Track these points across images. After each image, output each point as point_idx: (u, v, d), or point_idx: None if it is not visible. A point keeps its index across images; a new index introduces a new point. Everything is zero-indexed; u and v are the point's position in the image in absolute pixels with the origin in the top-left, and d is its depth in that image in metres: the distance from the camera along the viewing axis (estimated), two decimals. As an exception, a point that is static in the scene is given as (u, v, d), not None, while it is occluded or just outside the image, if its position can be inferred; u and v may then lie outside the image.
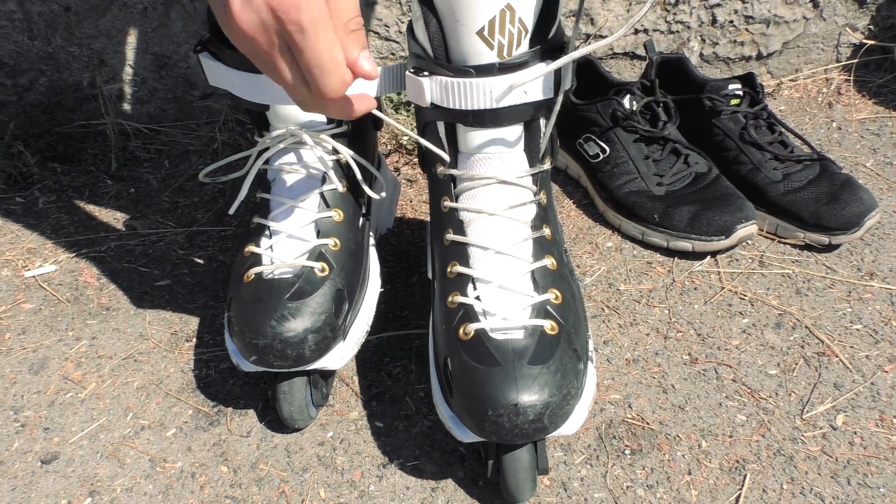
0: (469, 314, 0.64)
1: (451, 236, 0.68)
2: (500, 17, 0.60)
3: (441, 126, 0.68)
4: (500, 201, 0.67)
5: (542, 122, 0.67)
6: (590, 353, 0.67)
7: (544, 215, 0.69)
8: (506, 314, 0.63)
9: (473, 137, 0.67)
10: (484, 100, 0.62)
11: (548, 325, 0.62)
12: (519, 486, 0.63)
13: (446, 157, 0.69)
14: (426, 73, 0.63)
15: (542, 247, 0.67)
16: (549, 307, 0.64)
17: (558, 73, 0.63)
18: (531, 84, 0.62)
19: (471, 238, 0.67)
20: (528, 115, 0.65)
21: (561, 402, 0.59)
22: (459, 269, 0.66)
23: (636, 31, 1.22)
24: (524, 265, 0.65)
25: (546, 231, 0.68)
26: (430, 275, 0.75)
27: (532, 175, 0.68)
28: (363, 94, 0.56)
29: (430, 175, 0.74)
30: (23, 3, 1.13)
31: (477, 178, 0.68)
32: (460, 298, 0.65)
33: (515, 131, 0.67)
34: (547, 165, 0.69)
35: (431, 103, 0.64)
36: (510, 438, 0.59)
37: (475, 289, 0.65)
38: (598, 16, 1.20)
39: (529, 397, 0.58)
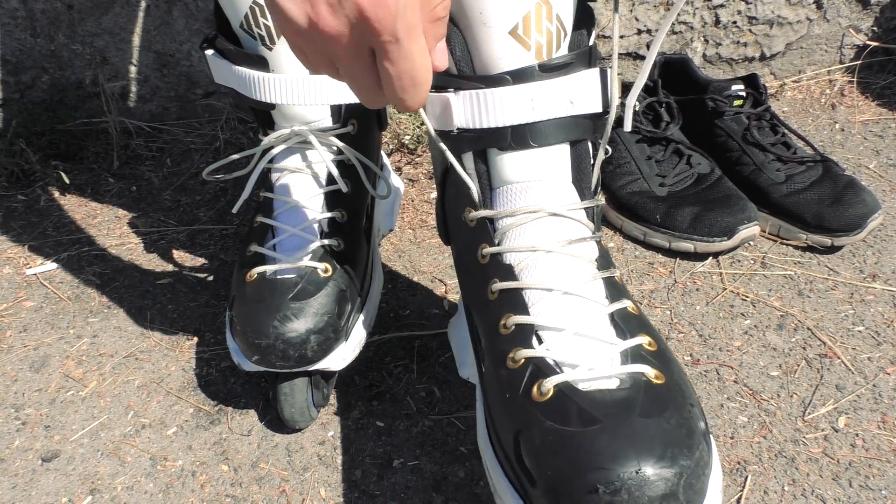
0: (542, 369, 0.50)
1: (499, 285, 0.55)
2: (535, 12, 0.52)
3: (470, 159, 0.57)
4: (555, 236, 0.55)
5: (590, 148, 0.58)
6: (707, 423, 0.52)
7: (608, 258, 0.57)
8: (591, 364, 0.49)
9: (511, 164, 0.56)
10: (524, 111, 0.53)
11: (651, 372, 0.49)
12: None
13: (475, 188, 0.57)
14: (451, 90, 0.54)
15: (616, 289, 0.55)
16: (643, 353, 0.51)
17: (605, 83, 0.55)
18: (578, 92, 0.53)
19: (526, 281, 0.54)
20: (575, 132, 0.55)
21: (695, 468, 0.44)
22: (517, 318, 0.53)
23: (639, 32, 1.22)
24: (600, 308, 0.53)
25: (615, 272, 0.56)
26: (462, 373, 0.63)
27: (586, 210, 0.57)
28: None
29: (456, 236, 0.63)
30: (26, 1, 1.13)
31: (521, 212, 0.56)
32: (526, 352, 0.51)
33: (560, 153, 0.56)
34: (600, 200, 0.59)
35: (457, 128, 0.55)
36: None
37: (541, 341, 0.52)
38: (602, 16, 1.19)
39: (656, 462, 0.43)
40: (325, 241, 0.72)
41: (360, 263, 0.75)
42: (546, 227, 0.56)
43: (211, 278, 0.94)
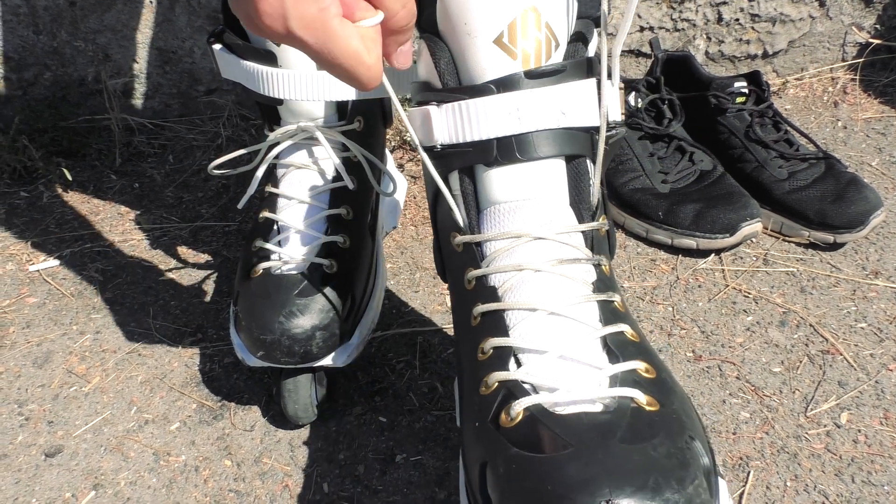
0: (513, 392, 0.45)
1: (480, 308, 0.50)
2: (521, 20, 0.48)
3: (456, 179, 0.53)
4: (545, 255, 0.50)
5: (589, 164, 0.53)
6: (717, 466, 0.45)
7: (609, 282, 0.51)
8: (570, 387, 0.43)
9: (499, 181, 0.51)
10: (509, 121, 0.49)
11: (643, 398, 0.43)
12: None
13: (457, 211, 0.53)
14: (434, 103, 0.51)
15: (613, 313, 0.49)
16: (637, 378, 0.44)
17: (601, 94, 0.51)
18: (570, 103, 0.50)
19: (509, 301, 0.49)
20: (569, 146, 0.51)
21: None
22: (495, 341, 0.47)
23: (642, 29, 1.22)
24: (591, 330, 0.47)
25: (615, 297, 0.50)
26: (459, 422, 0.55)
27: (583, 233, 0.52)
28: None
29: (448, 263, 0.57)
30: (28, -2, 1.13)
31: (507, 236, 0.51)
32: (499, 375, 0.46)
33: (553, 169, 0.52)
34: (602, 223, 0.53)
35: (441, 145, 0.51)
36: None
37: (519, 365, 0.46)
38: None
39: (633, 495, 0.36)
40: (331, 238, 0.72)
41: (365, 260, 0.75)
42: (537, 248, 0.51)
43: (213, 275, 0.94)
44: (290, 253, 0.71)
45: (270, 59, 0.69)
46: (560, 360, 0.45)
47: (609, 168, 1.00)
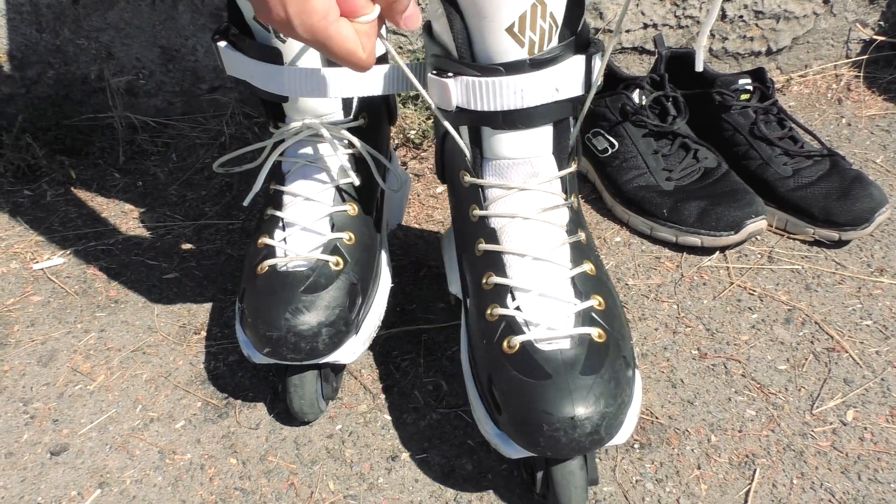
0: (511, 326, 0.61)
1: (483, 245, 0.65)
2: (531, 13, 0.57)
3: (465, 131, 0.65)
4: (532, 205, 0.65)
5: (571, 121, 0.65)
6: (635, 360, 0.65)
7: (577, 219, 0.67)
8: (550, 324, 0.60)
9: (501, 141, 0.64)
10: (514, 99, 0.59)
11: (595, 332, 0.60)
12: (571, 499, 0.61)
13: (468, 155, 0.66)
14: (451, 74, 0.60)
15: (580, 251, 0.65)
16: (593, 314, 0.61)
17: (589, 68, 0.61)
18: (563, 80, 0.60)
19: (506, 246, 0.64)
20: (558, 113, 0.62)
21: (617, 411, 0.57)
22: (496, 279, 0.63)
23: (645, 26, 1.22)
24: (564, 271, 0.63)
25: (581, 235, 0.66)
26: (452, 289, 0.73)
27: (561, 178, 0.66)
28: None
29: (451, 185, 0.71)
30: (31, -4, 1.13)
31: (507, 186, 0.65)
32: (500, 310, 0.62)
33: (544, 132, 0.64)
34: (573, 167, 0.67)
35: (457, 107, 0.61)
36: (566, 453, 0.57)
37: (514, 299, 0.62)
38: (608, 10, 1.19)
39: (586, 410, 0.56)
40: (337, 235, 0.72)
41: (370, 257, 0.75)
42: (526, 198, 0.65)
43: (217, 273, 0.94)
44: (295, 250, 0.71)
45: (276, 56, 0.69)
46: (541, 297, 0.62)
47: (613, 166, 1.00)
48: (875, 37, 1.27)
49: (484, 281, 0.64)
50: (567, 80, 0.60)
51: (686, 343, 0.81)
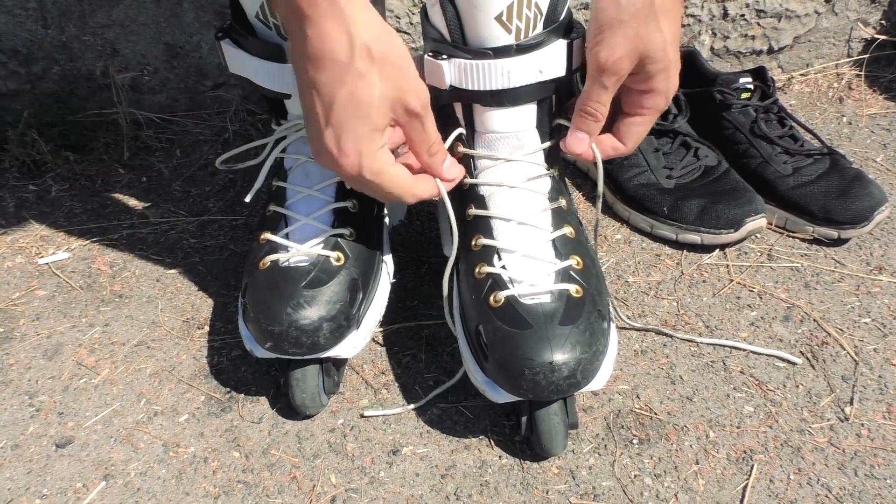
0: (497, 282, 0.67)
1: (473, 211, 0.71)
2: (517, 3, 0.62)
3: (458, 108, 0.71)
4: (518, 175, 0.71)
5: (553, 98, 0.71)
6: (611, 314, 0.71)
7: (559, 188, 0.72)
8: (532, 280, 0.66)
9: (490, 117, 0.70)
10: (501, 80, 0.65)
11: (573, 288, 0.66)
12: (552, 440, 0.67)
13: (461, 128, 0.72)
14: (445, 57, 0.66)
15: (560, 217, 0.70)
16: (572, 272, 0.67)
17: (571, 52, 0.66)
18: (547, 63, 0.65)
19: (493, 211, 0.70)
20: (542, 93, 0.68)
21: (592, 358, 0.63)
22: (484, 241, 0.69)
23: (647, 25, 1.22)
24: (545, 234, 0.69)
25: (562, 202, 0.71)
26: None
27: (543, 150, 0.72)
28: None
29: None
30: (37, -7, 1.14)
31: (495, 157, 0.71)
32: (487, 269, 0.68)
33: (529, 109, 0.70)
34: (555, 141, 0.72)
35: (450, 86, 0.67)
36: (546, 395, 0.62)
37: (500, 259, 0.68)
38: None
39: (563, 355, 0.61)
40: (338, 230, 0.73)
41: (371, 252, 0.76)
42: (512, 168, 0.71)
43: (221, 268, 0.95)
44: (297, 245, 0.72)
45: (278, 53, 0.70)
46: (524, 257, 0.68)
47: (614, 164, 1.01)
48: (876, 36, 1.27)
49: (473, 242, 0.70)
50: (550, 62, 0.65)
51: (686, 340, 0.81)
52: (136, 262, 0.96)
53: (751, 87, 1.01)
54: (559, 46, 0.65)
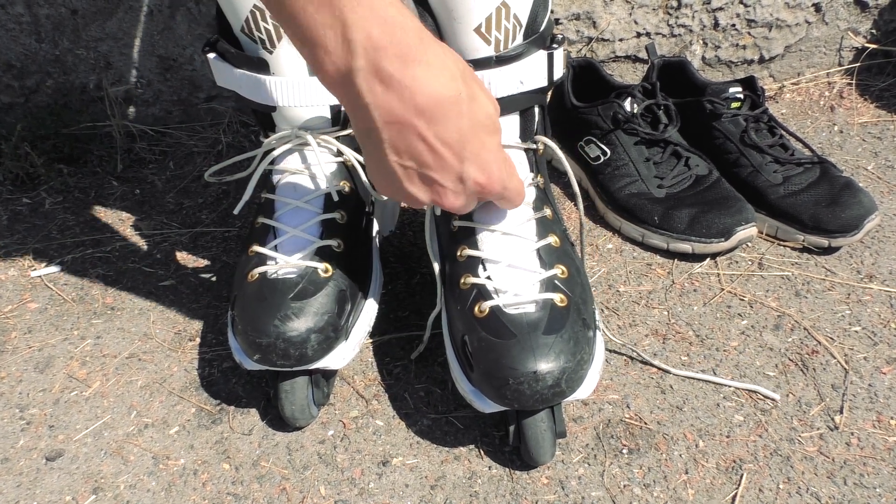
0: (482, 293, 0.67)
1: (458, 222, 0.72)
2: (496, 15, 0.63)
3: None
4: None
5: (536, 109, 0.71)
6: (597, 323, 0.71)
7: (543, 197, 0.73)
8: (517, 290, 0.66)
9: None
10: None
11: (557, 297, 0.66)
12: (540, 449, 0.67)
13: None
14: None
15: (545, 226, 0.71)
16: (556, 281, 0.67)
17: (551, 63, 0.67)
18: (527, 74, 0.66)
19: (477, 222, 0.71)
20: (523, 104, 0.69)
21: (576, 367, 0.63)
22: (469, 251, 0.70)
23: (638, 35, 1.23)
24: (530, 244, 0.69)
25: (547, 211, 0.72)
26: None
27: (528, 160, 0.73)
28: None
29: None
30: (31, 6, 1.14)
31: None
32: (472, 279, 0.68)
33: (512, 120, 0.70)
34: (538, 145, 0.73)
35: None
36: (531, 404, 0.62)
37: (485, 269, 0.69)
38: (601, 19, 1.20)
39: (547, 365, 0.61)
40: (326, 242, 0.73)
41: (359, 263, 0.76)
42: None
43: (213, 280, 0.95)
44: (285, 257, 0.72)
45: (263, 66, 0.70)
46: (509, 268, 0.68)
47: (605, 173, 1.01)
48: (867, 45, 1.28)
49: (458, 253, 0.71)
50: (531, 73, 0.66)
51: (676, 349, 0.81)
52: (128, 275, 0.96)
53: (740, 96, 1.01)
54: (539, 57, 0.66)
